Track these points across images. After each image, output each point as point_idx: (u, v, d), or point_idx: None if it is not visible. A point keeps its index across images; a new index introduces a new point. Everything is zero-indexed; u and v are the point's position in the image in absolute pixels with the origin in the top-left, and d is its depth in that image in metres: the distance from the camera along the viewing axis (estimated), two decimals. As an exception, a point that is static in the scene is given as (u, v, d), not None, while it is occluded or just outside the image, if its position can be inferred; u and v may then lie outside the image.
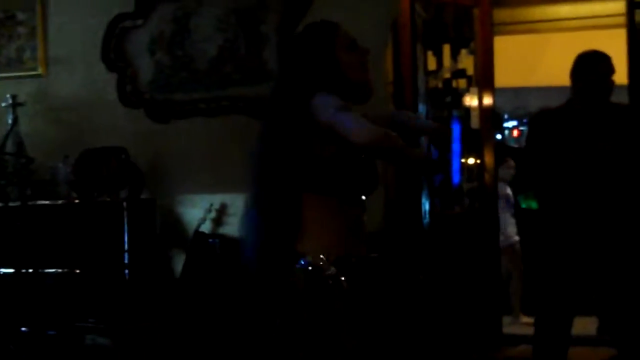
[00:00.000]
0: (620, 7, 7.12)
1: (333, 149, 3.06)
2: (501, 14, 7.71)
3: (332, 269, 3.08)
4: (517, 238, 8.32)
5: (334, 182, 3.12)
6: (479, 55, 7.21)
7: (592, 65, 5.27)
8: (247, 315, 4.95)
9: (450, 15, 7.25)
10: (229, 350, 5.69)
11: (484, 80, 7.20)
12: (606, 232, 5.15)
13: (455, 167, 7.31)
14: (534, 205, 7.43)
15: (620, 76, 6.91)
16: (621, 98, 6.57)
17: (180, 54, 6.62)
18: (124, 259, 5.88)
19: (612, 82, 5.25)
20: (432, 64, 7.17)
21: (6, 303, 5.62)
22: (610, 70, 5.25)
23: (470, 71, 7.19)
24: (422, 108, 6.96)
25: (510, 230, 8.19)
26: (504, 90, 8.16)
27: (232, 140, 6.45)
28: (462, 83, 7.27)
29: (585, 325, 6.75)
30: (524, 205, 8.61)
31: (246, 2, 6.50)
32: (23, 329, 5.57)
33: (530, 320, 6.70)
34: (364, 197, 3.26)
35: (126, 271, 5.86)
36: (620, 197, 5.18)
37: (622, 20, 7.00)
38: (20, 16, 6.94)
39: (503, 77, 7.59)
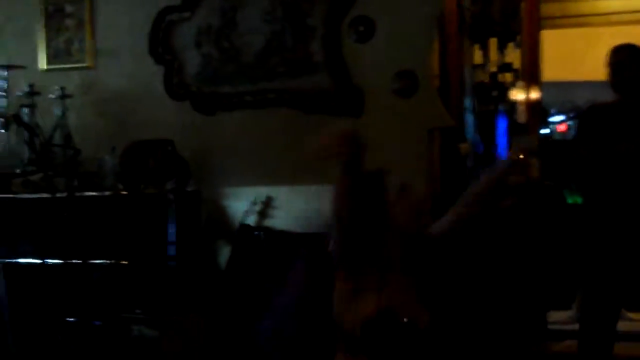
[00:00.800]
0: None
1: None
2: (549, 8, 7.65)
3: None
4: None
5: None
6: (525, 49, 7.15)
7: (611, 58, 5.32)
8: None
9: (498, 9, 7.21)
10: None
11: (530, 74, 7.15)
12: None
13: (503, 157, 7.29)
14: (579, 200, 7.39)
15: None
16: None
17: (226, 46, 6.63)
18: (170, 251, 5.89)
19: (631, 73, 5.25)
20: (478, 58, 7.12)
21: (53, 293, 5.66)
22: (627, 60, 5.27)
23: (517, 65, 7.13)
24: (468, 102, 6.94)
25: None
26: (551, 84, 8.09)
27: (278, 132, 6.47)
28: (509, 77, 7.21)
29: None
30: (570, 201, 8.54)
31: (292, -3, 6.53)
32: (70, 319, 5.60)
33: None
34: None
35: (172, 263, 5.87)
36: None
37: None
38: (69, 8, 6.99)
39: (550, 71, 7.53)
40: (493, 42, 7.19)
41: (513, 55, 7.13)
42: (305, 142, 4.03)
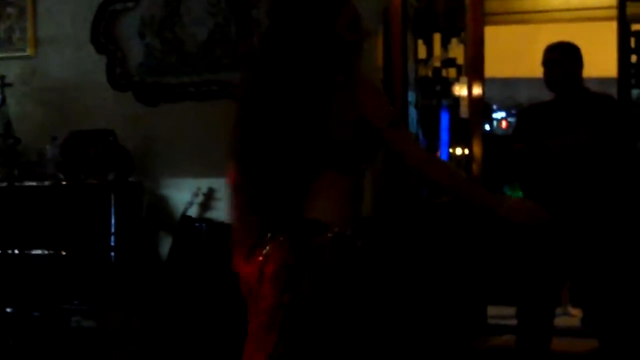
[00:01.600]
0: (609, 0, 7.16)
1: (350, 134, 3.06)
2: (493, 4, 7.73)
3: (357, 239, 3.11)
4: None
5: (352, 163, 3.10)
6: (469, 44, 7.22)
7: (546, 56, 5.36)
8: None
9: (442, 4, 7.27)
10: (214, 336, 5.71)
11: (473, 69, 7.22)
12: (589, 224, 5.17)
13: (444, 155, 7.35)
14: (520, 194, 7.49)
15: (611, 68, 6.98)
16: (612, 90, 6.64)
17: (170, 37, 6.63)
18: (110, 242, 5.90)
19: (564, 70, 5.29)
20: (422, 53, 7.19)
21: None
22: (560, 58, 5.30)
23: (461, 60, 7.23)
24: (411, 96, 6.98)
25: None
26: (494, 80, 8.20)
27: (221, 124, 6.41)
28: (452, 72, 7.31)
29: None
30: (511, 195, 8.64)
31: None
32: (8, 309, 5.57)
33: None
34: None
35: (112, 254, 5.88)
36: (601, 187, 5.21)
37: (613, 13, 7.02)
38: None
39: (493, 67, 7.61)
40: (437, 37, 7.27)
41: (457, 51, 7.21)
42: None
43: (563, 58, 5.30)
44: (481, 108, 7.58)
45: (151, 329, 5.69)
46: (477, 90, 7.24)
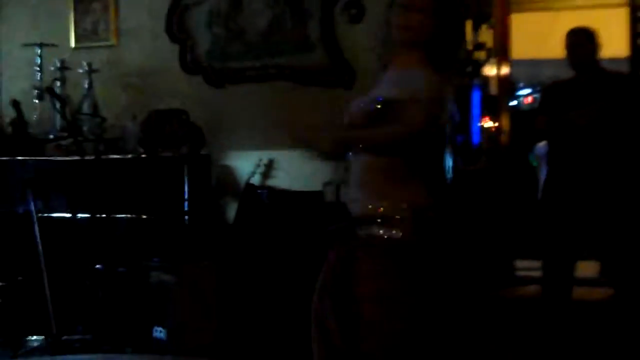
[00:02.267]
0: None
1: None
2: (518, -6, 7.72)
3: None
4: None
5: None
6: (497, 30, 7.26)
7: (568, 40, 5.38)
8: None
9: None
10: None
11: (501, 52, 7.26)
12: (603, 186, 5.19)
13: (475, 128, 7.32)
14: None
15: (621, 50, 6.93)
16: (623, 68, 6.59)
17: (233, 27, 6.63)
18: (184, 207, 5.94)
19: (585, 52, 5.31)
20: (456, 38, 7.15)
21: (83, 244, 5.68)
22: (582, 41, 5.32)
23: (490, 44, 7.22)
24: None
25: None
26: (520, 61, 8.24)
27: (279, 103, 6.48)
28: (482, 55, 7.27)
29: (588, 269, 6.78)
30: (535, 164, 8.58)
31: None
32: (98, 266, 5.63)
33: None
34: None
35: (186, 217, 5.93)
36: (615, 152, 5.20)
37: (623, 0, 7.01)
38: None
39: (519, 49, 7.64)
40: (469, 24, 7.20)
41: (486, 36, 7.19)
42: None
43: (584, 41, 5.33)
44: (508, 86, 7.58)
45: (221, 283, 5.72)
46: (504, 70, 7.27)
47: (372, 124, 2.97)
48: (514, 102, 9.39)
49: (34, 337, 5.66)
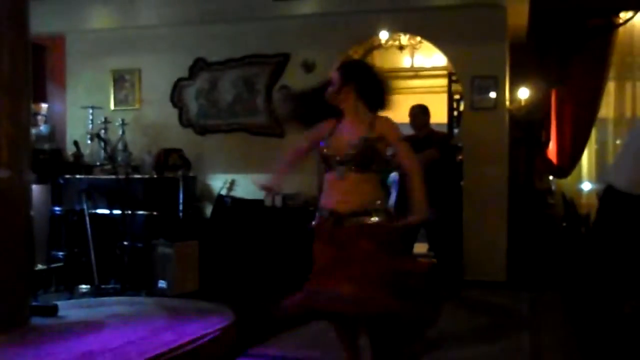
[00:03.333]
0: (444, 82, 7.29)
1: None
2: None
3: (318, 212, 2.94)
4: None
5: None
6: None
7: (411, 112, 5.38)
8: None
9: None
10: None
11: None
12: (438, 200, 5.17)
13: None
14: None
15: (444, 117, 7.11)
16: (443, 128, 6.77)
17: (211, 99, 6.69)
18: (179, 208, 5.89)
19: (421, 120, 5.30)
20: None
21: (115, 229, 5.60)
22: (419, 113, 5.31)
23: None
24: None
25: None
26: None
27: (238, 145, 6.55)
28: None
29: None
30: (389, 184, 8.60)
31: (248, 72, 6.55)
32: (124, 243, 5.57)
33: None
34: None
35: (180, 214, 5.90)
36: (436, 180, 5.15)
37: (445, 89, 7.18)
38: (127, 76, 6.98)
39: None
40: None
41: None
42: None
43: (420, 112, 5.36)
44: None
45: (202, 253, 5.66)
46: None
47: (360, 152, 2.88)
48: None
49: (83, 286, 5.58)
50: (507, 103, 6.24)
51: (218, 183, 6.31)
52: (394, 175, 7.68)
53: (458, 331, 4.23)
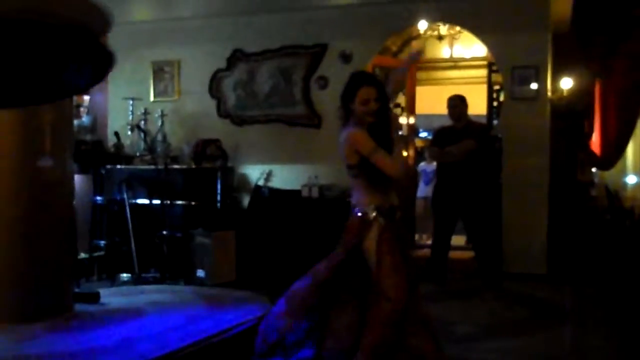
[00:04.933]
0: (483, 72, 7.19)
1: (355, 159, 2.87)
2: (420, 74, 7.73)
3: (374, 214, 2.88)
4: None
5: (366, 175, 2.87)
6: (408, 96, 7.27)
7: (449, 102, 5.35)
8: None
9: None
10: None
11: (410, 109, 7.28)
12: (468, 190, 5.21)
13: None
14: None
15: (482, 108, 7.02)
16: (482, 119, 6.70)
17: (249, 90, 6.71)
18: (217, 198, 5.95)
19: (459, 110, 5.26)
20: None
21: (155, 219, 5.70)
22: (457, 104, 5.28)
23: (403, 104, 7.22)
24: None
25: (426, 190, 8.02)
26: (421, 115, 8.08)
27: (275, 136, 6.57)
28: (399, 110, 7.30)
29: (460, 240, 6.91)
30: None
31: (285, 63, 6.56)
32: (163, 232, 5.64)
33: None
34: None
35: (218, 204, 5.95)
36: (474, 170, 5.22)
37: (484, 80, 7.08)
38: (167, 68, 7.04)
39: (420, 108, 7.62)
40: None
41: (401, 99, 7.24)
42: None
43: (459, 103, 5.32)
44: (413, 130, 7.66)
45: (239, 243, 5.69)
46: (411, 120, 7.32)
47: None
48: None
49: (124, 275, 5.66)
50: (549, 94, 6.12)
51: (255, 173, 6.36)
52: (423, 165, 7.67)
53: (496, 322, 4.20)
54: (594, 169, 6.94)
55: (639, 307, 3.87)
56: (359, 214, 2.92)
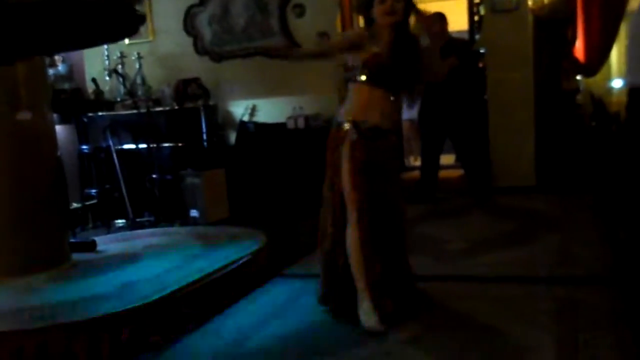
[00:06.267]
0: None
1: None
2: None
3: (348, 126, 2.77)
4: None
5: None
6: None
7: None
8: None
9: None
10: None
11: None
12: (454, 105, 5.23)
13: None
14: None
15: (463, 23, 6.91)
16: (464, 35, 6.61)
17: (225, 25, 6.56)
18: (203, 137, 5.98)
19: (438, 28, 5.07)
20: (361, 23, 7.09)
21: (143, 163, 5.76)
22: (438, 23, 5.11)
23: None
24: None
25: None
26: None
27: (256, 69, 6.48)
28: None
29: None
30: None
31: (260, -7, 6.44)
32: (153, 176, 5.70)
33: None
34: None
35: (204, 143, 5.98)
36: (459, 87, 5.20)
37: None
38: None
39: None
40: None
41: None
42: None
43: (437, 20, 5.07)
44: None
45: (229, 180, 5.75)
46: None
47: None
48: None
49: (119, 221, 5.74)
50: (530, 2, 6.02)
51: (239, 109, 6.32)
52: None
53: (488, 237, 4.28)
54: (578, 77, 6.91)
55: (627, 212, 3.94)
56: (335, 126, 2.85)
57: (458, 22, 6.65)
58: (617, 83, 6.77)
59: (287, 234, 4.68)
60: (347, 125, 2.81)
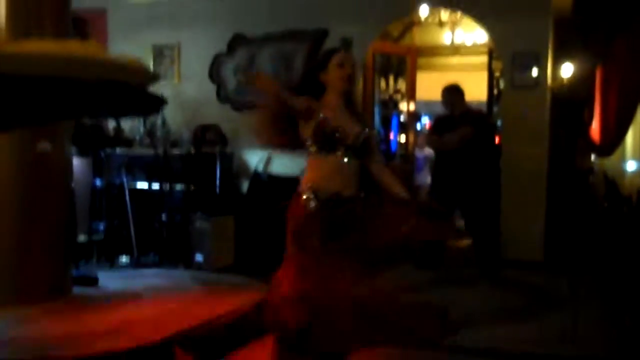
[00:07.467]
0: (485, 59, 7.14)
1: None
2: (421, 61, 7.71)
3: (309, 195, 2.66)
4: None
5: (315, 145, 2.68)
6: (408, 81, 7.27)
7: (441, 94, 5.39)
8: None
9: (395, 60, 7.30)
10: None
11: (410, 95, 7.29)
12: (465, 176, 5.22)
13: (394, 141, 7.43)
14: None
15: (483, 95, 6.99)
16: (483, 107, 6.68)
17: (249, 75, 6.67)
18: (216, 182, 5.96)
19: (456, 101, 5.28)
20: (383, 86, 7.21)
21: (154, 203, 5.74)
22: (454, 94, 5.29)
23: (403, 90, 7.24)
24: (377, 109, 7.03)
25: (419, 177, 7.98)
26: (421, 101, 8.05)
27: (275, 122, 6.54)
28: (399, 96, 7.32)
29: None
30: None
31: (286, 48, 6.52)
32: (163, 216, 5.69)
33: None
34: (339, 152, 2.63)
35: (217, 189, 5.97)
36: (472, 157, 5.23)
37: (485, 66, 7.05)
38: (167, 52, 7.01)
39: (421, 93, 7.61)
40: (391, 77, 7.28)
41: (401, 85, 7.23)
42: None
43: (454, 91, 5.34)
44: (414, 116, 7.66)
45: (238, 228, 5.72)
46: (412, 106, 7.33)
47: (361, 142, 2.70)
48: (419, 126, 9.39)
49: (123, 258, 5.70)
50: (549, 81, 6.10)
51: (255, 159, 6.32)
52: (418, 152, 7.64)
53: (491, 310, 4.22)
54: (593, 156, 6.92)
55: (635, 296, 3.88)
56: (295, 196, 2.70)
57: (479, 93, 6.74)
58: (631, 165, 6.78)
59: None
60: (306, 193, 2.70)
